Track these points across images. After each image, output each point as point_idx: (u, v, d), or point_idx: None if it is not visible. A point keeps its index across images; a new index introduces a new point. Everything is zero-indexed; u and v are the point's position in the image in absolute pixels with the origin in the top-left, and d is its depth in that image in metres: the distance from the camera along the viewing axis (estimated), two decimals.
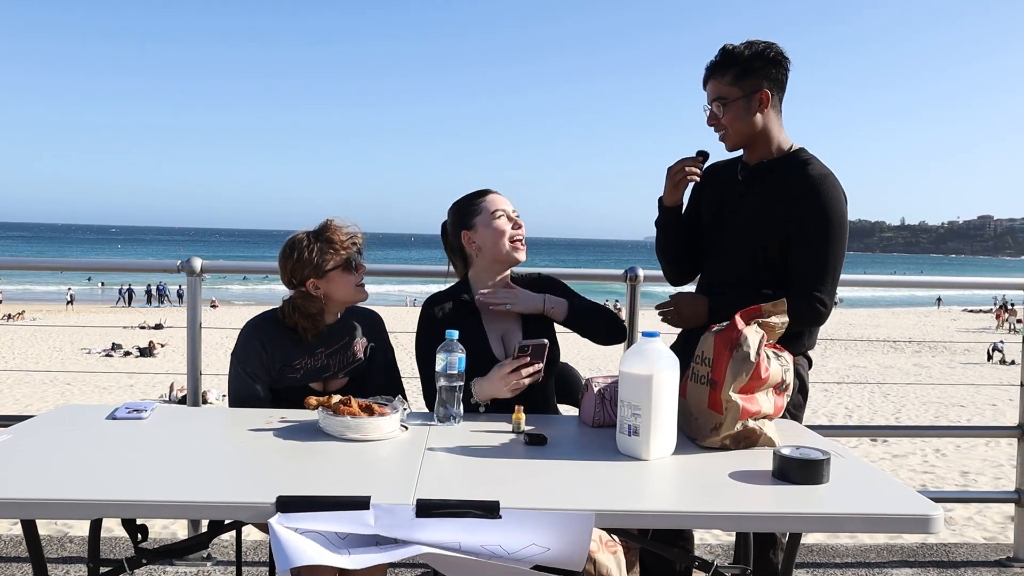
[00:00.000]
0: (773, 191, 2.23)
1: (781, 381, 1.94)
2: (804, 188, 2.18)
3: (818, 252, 2.18)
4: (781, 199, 2.21)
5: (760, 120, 2.23)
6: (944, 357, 21.45)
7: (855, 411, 12.72)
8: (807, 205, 2.17)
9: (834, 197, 2.18)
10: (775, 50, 2.20)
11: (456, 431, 2.01)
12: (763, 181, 2.26)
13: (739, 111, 2.21)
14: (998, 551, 3.39)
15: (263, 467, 1.74)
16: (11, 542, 3.22)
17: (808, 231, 2.17)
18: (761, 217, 2.23)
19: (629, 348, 1.88)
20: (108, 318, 28.31)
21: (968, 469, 8.15)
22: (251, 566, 3.02)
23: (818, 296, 2.18)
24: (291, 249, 2.31)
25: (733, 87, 2.20)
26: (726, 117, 2.23)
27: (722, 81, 2.22)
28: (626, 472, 1.73)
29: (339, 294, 2.32)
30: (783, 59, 2.21)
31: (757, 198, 2.26)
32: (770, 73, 2.20)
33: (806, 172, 2.21)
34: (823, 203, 2.17)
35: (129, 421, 2.04)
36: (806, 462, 1.65)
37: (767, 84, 2.20)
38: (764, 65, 2.20)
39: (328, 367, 2.35)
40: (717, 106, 2.23)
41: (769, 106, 2.22)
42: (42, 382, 14.23)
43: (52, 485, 1.57)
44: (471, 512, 1.47)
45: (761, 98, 2.20)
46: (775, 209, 2.21)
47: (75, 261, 13.98)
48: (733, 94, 2.20)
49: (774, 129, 2.26)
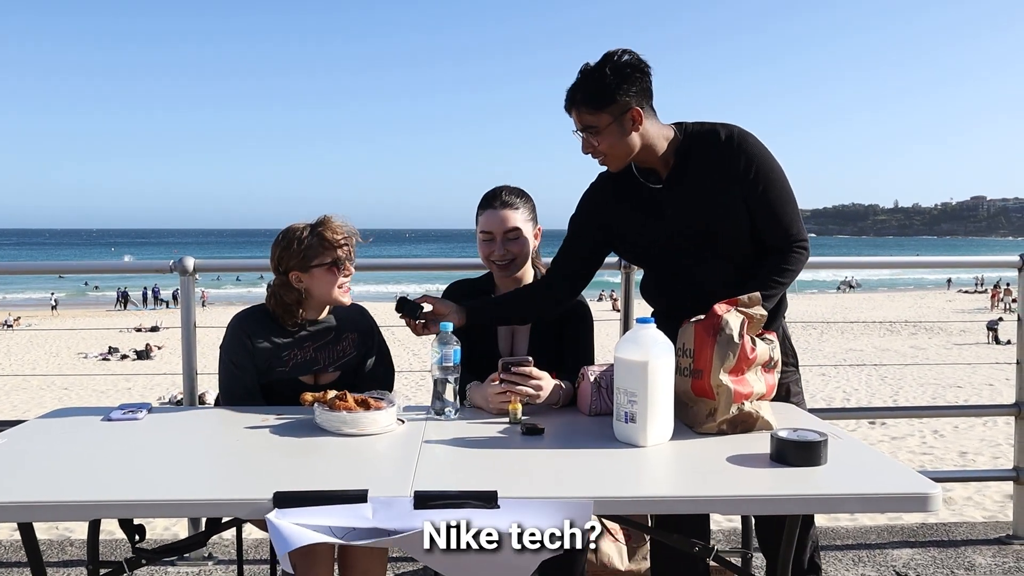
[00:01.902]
0: (705, 178, 2.12)
1: (769, 359, 1.95)
2: (730, 155, 2.10)
3: (777, 203, 2.13)
4: (718, 178, 2.11)
5: (637, 138, 2.09)
6: (941, 338, 21.51)
7: (852, 395, 12.76)
8: (744, 168, 2.10)
9: (756, 144, 2.13)
10: (634, 62, 2.06)
11: (452, 423, 2.00)
12: (686, 178, 2.15)
13: (614, 136, 2.07)
14: (997, 529, 3.40)
15: (260, 464, 1.74)
16: (10, 547, 3.22)
17: (760, 191, 2.11)
18: (714, 207, 2.13)
19: (624, 335, 1.88)
20: (104, 321, 28.27)
21: (966, 450, 8.19)
22: (252, 564, 3.02)
23: (800, 242, 2.16)
24: (284, 236, 2.32)
25: (601, 114, 2.05)
26: (603, 144, 2.09)
27: (587, 110, 2.06)
28: (624, 459, 1.73)
29: (319, 292, 2.31)
30: (644, 68, 2.07)
31: (696, 193, 2.14)
32: (634, 87, 2.05)
33: (719, 140, 2.12)
34: (754, 156, 2.11)
35: (125, 422, 2.04)
36: (804, 444, 1.65)
37: (635, 100, 2.06)
38: (627, 82, 2.04)
39: (317, 360, 2.35)
40: (590, 135, 2.10)
41: (643, 121, 2.08)
42: (39, 387, 14.20)
43: (49, 487, 1.57)
44: (469, 502, 1.47)
45: (633, 117, 2.06)
46: (720, 192, 2.11)
47: (69, 264, 13.92)
48: (603, 121, 2.06)
49: (654, 133, 2.12)
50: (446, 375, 2.04)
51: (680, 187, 2.16)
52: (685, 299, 2.14)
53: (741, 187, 2.11)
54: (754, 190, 2.11)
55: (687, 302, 2.08)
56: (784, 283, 2.17)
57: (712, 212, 2.14)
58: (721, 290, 2.05)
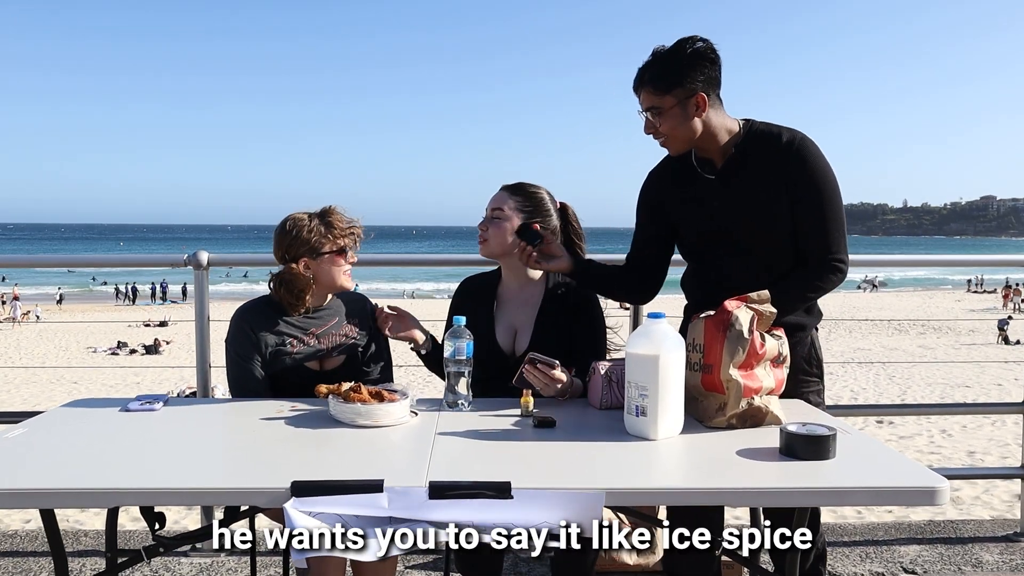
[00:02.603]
0: (757, 175, 2.15)
1: (778, 354, 1.96)
2: (787, 159, 2.12)
3: (824, 215, 2.12)
4: (770, 179, 2.13)
5: (699, 124, 2.13)
6: (949, 338, 21.44)
7: (860, 393, 12.74)
8: (798, 173, 2.11)
9: (817, 154, 2.14)
10: (705, 49, 2.10)
11: (465, 416, 2.03)
12: (741, 171, 2.17)
13: (677, 119, 2.12)
14: (1005, 527, 3.41)
15: (276, 454, 1.77)
16: (27, 537, 3.26)
17: (808, 198, 2.12)
18: (759, 205, 2.15)
19: (635, 330, 1.90)
20: (112, 316, 28.39)
21: (974, 449, 8.18)
22: (265, 556, 3.05)
23: (837, 258, 2.14)
24: (291, 226, 2.36)
25: (666, 96, 2.10)
26: (664, 126, 2.13)
27: (654, 90, 2.11)
28: (635, 452, 1.75)
29: (327, 279, 2.37)
30: (715, 56, 2.11)
31: (745, 189, 2.16)
32: (703, 75, 2.10)
33: (781, 143, 2.14)
34: (811, 165, 2.12)
35: (142, 413, 2.07)
36: (813, 438, 1.67)
37: (701, 87, 2.10)
38: (696, 68, 2.09)
39: (321, 348, 2.39)
40: (653, 115, 2.14)
41: (707, 108, 2.12)
42: (49, 381, 14.29)
43: (70, 475, 1.60)
44: (483, 493, 1.49)
45: (697, 102, 2.10)
46: (769, 193, 2.14)
47: (82, 257, 13.98)
48: (667, 103, 2.11)
49: (717, 123, 2.16)
50: (459, 368, 2.06)
51: (731, 181, 2.18)
52: (716, 296, 2.12)
53: (790, 192, 2.12)
54: (803, 198, 2.12)
55: (718, 299, 2.06)
56: (808, 297, 2.18)
57: (757, 211, 2.15)
58: (742, 290, 2.04)
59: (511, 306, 2.42)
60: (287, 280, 2.34)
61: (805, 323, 2.23)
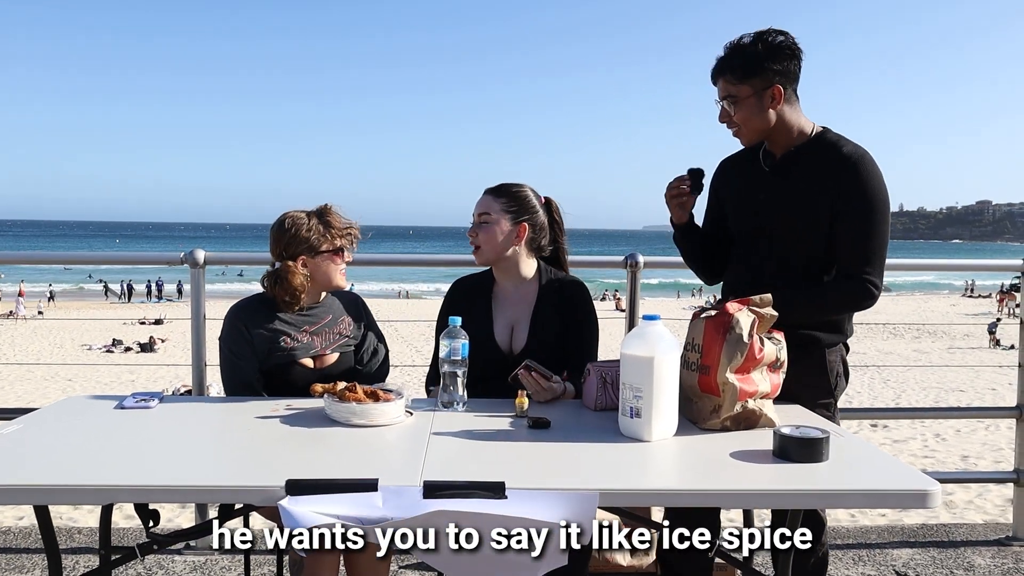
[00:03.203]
0: (808, 177, 2.16)
1: (776, 359, 1.97)
2: (841, 169, 2.12)
3: (864, 232, 2.12)
4: (819, 184, 2.14)
5: (773, 115, 2.16)
6: (944, 342, 21.49)
7: (855, 397, 12.76)
8: (848, 185, 2.11)
9: (874, 174, 2.13)
10: (786, 43, 2.12)
11: (460, 416, 2.03)
12: (795, 169, 2.19)
13: (751, 109, 2.14)
14: (998, 530, 3.42)
15: (271, 452, 1.77)
16: (20, 533, 3.26)
17: (852, 212, 2.11)
18: (801, 206, 2.16)
19: (630, 331, 1.90)
20: (108, 313, 28.33)
21: (968, 453, 8.20)
22: (259, 554, 3.05)
23: (869, 278, 2.12)
24: (289, 224, 2.37)
25: (743, 85, 2.13)
26: (738, 115, 2.16)
27: (732, 79, 2.14)
28: (629, 453, 1.75)
29: (323, 277, 2.38)
30: (795, 50, 2.14)
31: (792, 187, 2.18)
32: (781, 67, 2.13)
33: (840, 153, 2.14)
34: (864, 181, 2.11)
35: (137, 410, 2.07)
36: (806, 440, 1.68)
37: (779, 79, 2.12)
38: (775, 60, 2.11)
39: (314, 345, 2.40)
40: (728, 104, 2.17)
41: (782, 101, 2.14)
42: (43, 378, 14.26)
43: (65, 471, 1.60)
44: (477, 492, 1.49)
45: (773, 94, 2.13)
46: (814, 198, 2.14)
47: (77, 254, 13.90)
48: (743, 92, 2.14)
49: (791, 119, 2.18)
50: (455, 368, 2.07)
51: (783, 177, 2.21)
52: (745, 288, 2.15)
53: (837, 202, 2.12)
54: (848, 210, 2.11)
55: (745, 292, 2.07)
56: (824, 308, 2.18)
57: (799, 210, 2.16)
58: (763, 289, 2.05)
59: (507, 304, 2.44)
60: (283, 277, 2.35)
61: (819, 338, 2.20)
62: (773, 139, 2.22)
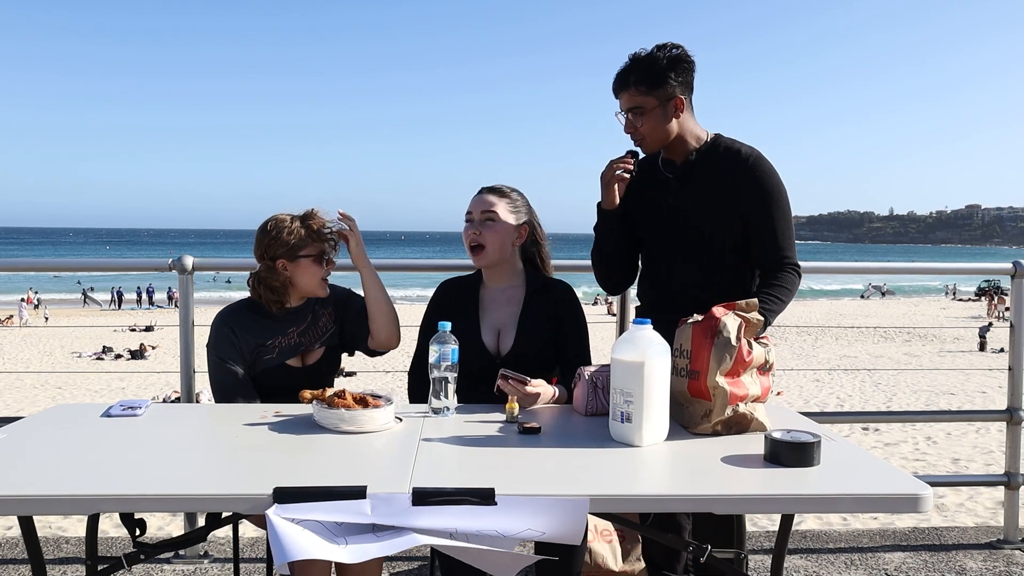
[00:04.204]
0: (712, 180, 2.27)
1: (765, 361, 1.97)
2: (742, 169, 2.24)
3: (779, 226, 2.25)
4: (723, 185, 2.25)
5: (676, 125, 2.26)
6: (934, 345, 21.59)
7: (847, 400, 12.81)
8: (755, 188, 2.24)
9: (771, 170, 2.27)
10: (683, 54, 2.22)
11: (450, 422, 2.02)
12: (697, 173, 2.29)
13: (656, 120, 2.24)
14: (988, 534, 3.42)
15: (259, 460, 1.75)
16: (7, 544, 3.22)
17: (764, 211, 2.24)
18: (710, 210, 2.27)
19: (620, 336, 1.90)
20: (98, 320, 28.19)
21: (959, 456, 8.23)
22: (248, 563, 3.03)
23: (792, 263, 2.26)
24: (271, 226, 2.38)
25: (648, 97, 2.22)
26: (645, 126, 2.24)
27: (636, 91, 2.22)
28: (620, 458, 1.75)
29: (303, 282, 2.38)
30: (691, 62, 2.24)
31: (698, 190, 2.28)
32: (682, 79, 2.23)
33: (739, 155, 2.26)
34: (767, 181, 2.24)
35: (124, 418, 2.05)
36: (797, 445, 1.67)
37: (680, 90, 2.23)
38: (675, 72, 2.21)
39: (301, 344, 2.42)
40: (634, 115, 2.25)
41: (684, 110, 2.25)
42: (32, 386, 14.18)
43: (50, 481, 1.58)
44: (467, 499, 1.48)
45: (676, 104, 2.23)
46: (721, 200, 2.25)
47: (64, 261, 13.84)
48: (649, 104, 2.22)
49: (690, 127, 2.29)
50: (445, 374, 2.06)
51: (688, 182, 2.29)
52: (667, 297, 2.30)
53: (740, 199, 2.24)
54: (755, 207, 2.24)
55: (668, 300, 2.23)
56: (783, 302, 2.24)
57: (708, 212, 2.26)
58: (687, 295, 2.22)
59: (494, 307, 2.44)
60: (264, 278, 2.36)
61: None
62: (673, 147, 2.31)
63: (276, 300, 2.37)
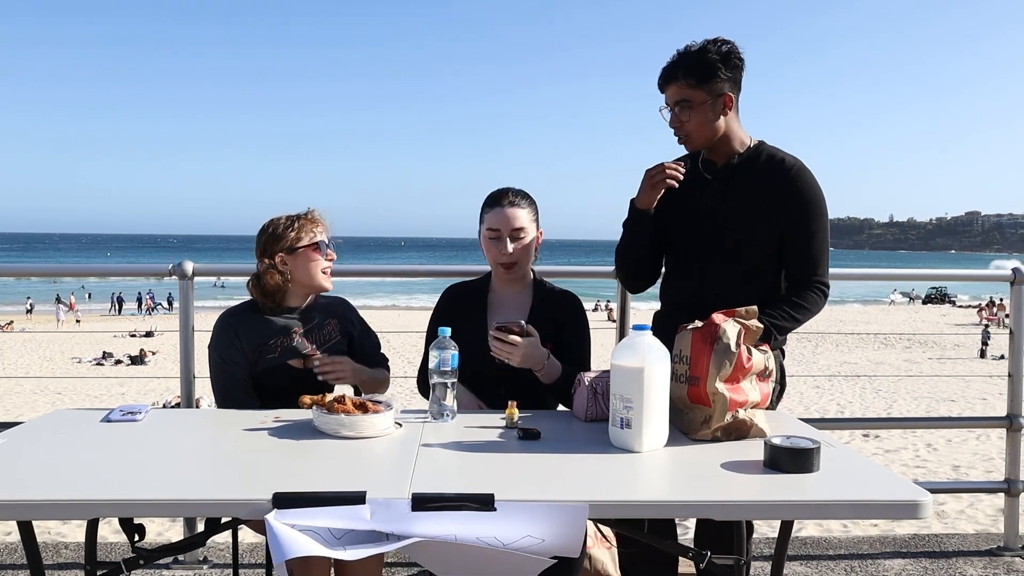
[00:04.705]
0: (753, 186, 2.23)
1: (764, 368, 1.97)
2: (784, 178, 2.20)
3: (814, 241, 2.21)
4: (767, 197, 2.21)
5: (723, 123, 2.21)
6: (935, 352, 21.57)
7: (847, 407, 12.79)
8: (797, 200, 2.20)
9: (814, 184, 2.22)
10: (735, 51, 2.17)
11: (450, 427, 2.02)
12: (739, 179, 2.25)
13: (704, 115, 2.18)
14: (988, 541, 3.42)
15: (259, 465, 1.75)
16: (6, 549, 3.22)
17: (803, 225, 2.20)
18: (750, 217, 2.22)
19: (620, 341, 1.90)
20: (98, 326, 28.18)
21: (959, 463, 8.21)
22: (248, 568, 3.03)
23: (822, 282, 2.23)
24: (268, 225, 2.43)
25: (697, 91, 2.16)
26: (691, 121, 2.19)
27: (685, 84, 2.16)
28: (619, 464, 1.74)
29: (304, 274, 2.39)
30: (741, 60, 2.19)
31: (738, 196, 2.24)
32: (732, 75, 2.18)
33: (783, 167, 2.22)
34: (809, 194, 2.21)
35: (124, 423, 2.05)
36: (797, 451, 1.67)
37: (729, 87, 2.18)
38: (726, 67, 2.16)
39: (304, 346, 2.42)
40: (680, 109, 2.19)
41: (732, 108, 2.21)
42: (32, 391, 14.16)
43: (49, 486, 1.58)
44: (466, 505, 1.48)
45: (725, 101, 2.18)
46: (763, 208, 2.21)
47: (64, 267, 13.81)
48: (698, 97, 2.16)
49: (735, 129, 2.24)
50: (444, 379, 2.06)
51: (729, 186, 2.25)
52: (694, 303, 2.21)
53: (781, 209, 2.20)
54: (795, 219, 2.20)
55: (696, 306, 2.13)
56: (798, 319, 2.21)
57: (747, 218, 2.22)
58: (719, 299, 2.13)
59: (501, 312, 2.44)
60: (262, 276, 2.38)
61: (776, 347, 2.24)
62: (716, 148, 2.26)
63: (271, 300, 2.39)
